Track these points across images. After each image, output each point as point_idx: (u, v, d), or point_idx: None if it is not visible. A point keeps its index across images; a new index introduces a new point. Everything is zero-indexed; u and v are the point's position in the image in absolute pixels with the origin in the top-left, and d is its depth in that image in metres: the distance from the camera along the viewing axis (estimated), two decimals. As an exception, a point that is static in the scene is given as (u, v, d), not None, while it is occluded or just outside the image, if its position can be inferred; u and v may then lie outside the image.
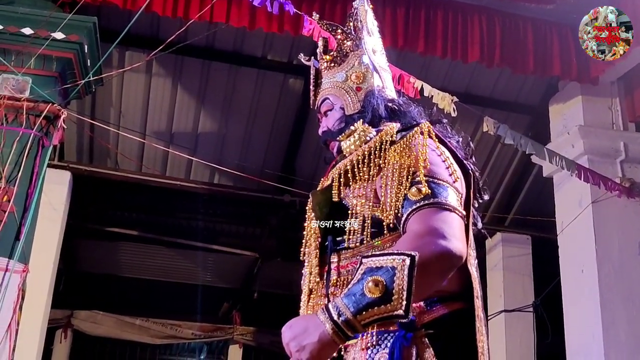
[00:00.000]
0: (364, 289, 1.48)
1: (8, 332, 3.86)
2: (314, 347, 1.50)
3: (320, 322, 1.51)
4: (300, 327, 1.54)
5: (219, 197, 6.53)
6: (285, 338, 1.57)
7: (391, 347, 1.59)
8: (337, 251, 1.78)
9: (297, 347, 1.52)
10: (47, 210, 5.04)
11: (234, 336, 8.67)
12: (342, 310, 1.48)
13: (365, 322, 1.48)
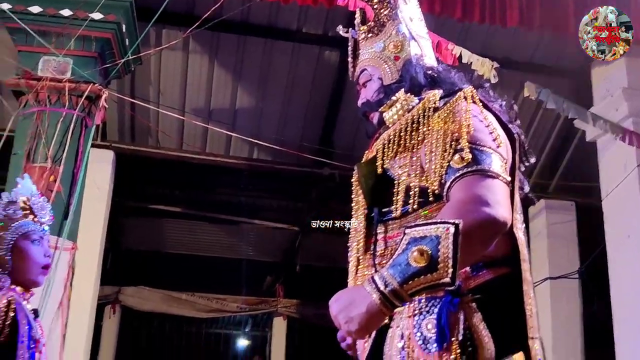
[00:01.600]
0: (409, 258, 1.48)
1: (60, 308, 3.98)
2: (362, 317, 1.50)
3: (367, 293, 1.51)
4: (347, 299, 1.55)
5: (258, 172, 6.56)
6: (333, 310, 1.56)
7: (438, 313, 1.58)
8: (383, 222, 1.76)
9: (345, 318, 1.52)
10: (92, 189, 5.14)
11: (278, 309, 8.79)
12: (389, 281, 1.49)
13: (411, 291, 1.48)
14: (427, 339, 1.58)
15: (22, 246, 2.13)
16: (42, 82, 4.23)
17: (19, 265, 2.11)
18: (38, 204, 2.23)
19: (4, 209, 2.14)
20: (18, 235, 2.12)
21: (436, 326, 1.57)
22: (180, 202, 7.18)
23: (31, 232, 2.16)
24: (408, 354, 1.59)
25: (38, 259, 2.15)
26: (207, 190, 7.11)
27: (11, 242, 2.10)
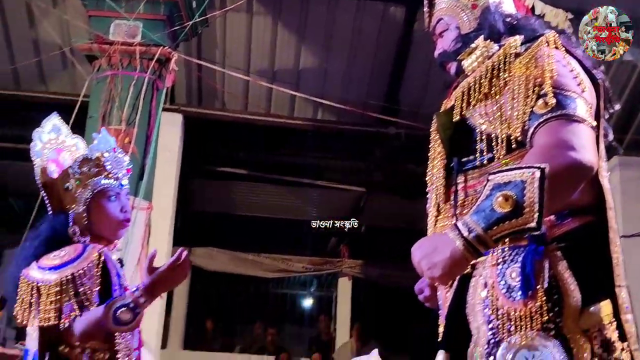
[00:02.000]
0: (494, 204, 1.47)
1: (138, 266, 4.14)
2: (446, 264, 1.50)
3: (450, 239, 1.51)
4: (430, 245, 1.55)
5: (323, 132, 6.58)
6: (415, 257, 1.57)
7: (523, 261, 1.56)
8: (463, 172, 1.74)
9: (428, 264, 1.53)
10: (163, 152, 5.25)
11: (343, 269, 8.87)
12: (472, 227, 1.48)
13: (496, 237, 1.47)
14: (511, 287, 1.56)
15: (99, 203, 2.13)
16: (114, 46, 4.33)
17: (97, 222, 2.12)
18: (114, 160, 2.20)
19: (80, 166, 2.13)
20: (94, 192, 2.13)
21: (521, 274, 1.55)
22: (245, 164, 7.28)
23: (107, 189, 2.15)
24: (492, 302, 1.57)
25: (115, 215, 2.16)
26: (271, 151, 7.18)
27: (88, 200, 2.11)
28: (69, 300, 1.93)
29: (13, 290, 1.99)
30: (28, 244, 2.09)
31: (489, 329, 1.55)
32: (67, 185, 2.13)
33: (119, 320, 1.87)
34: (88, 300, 1.96)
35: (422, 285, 1.99)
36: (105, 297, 2.01)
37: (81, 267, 1.97)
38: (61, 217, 2.13)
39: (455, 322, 1.65)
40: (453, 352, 1.62)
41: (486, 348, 1.54)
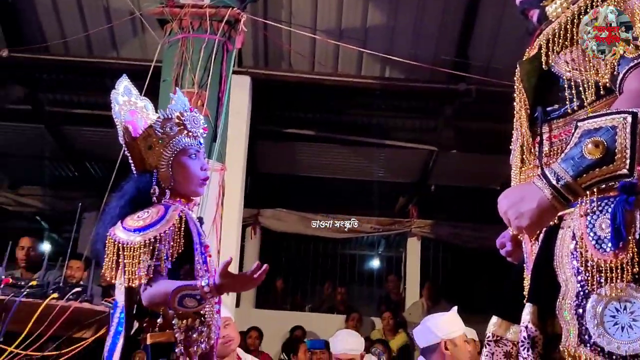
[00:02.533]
0: (583, 151, 1.44)
1: (214, 225, 4.22)
2: (533, 213, 1.48)
3: (538, 188, 1.48)
4: (517, 195, 1.53)
5: (391, 91, 6.49)
6: (502, 207, 1.55)
7: (613, 212, 1.52)
8: (548, 121, 1.70)
9: (515, 214, 1.51)
10: (232, 114, 5.28)
11: (412, 229, 8.83)
12: (561, 175, 1.46)
13: (586, 184, 1.44)
14: (601, 238, 1.53)
15: (180, 161, 2.18)
16: (185, 9, 4.36)
17: (180, 179, 2.18)
18: (191, 119, 2.25)
19: (161, 126, 2.18)
20: (176, 151, 2.18)
21: (611, 225, 1.51)
22: (312, 125, 7.28)
23: (188, 147, 2.21)
24: (581, 254, 1.54)
25: (196, 173, 2.22)
26: (339, 112, 7.15)
27: (171, 158, 2.17)
28: (150, 262, 1.98)
29: (102, 248, 2.07)
30: (114, 203, 2.16)
31: (577, 281, 1.53)
32: (149, 144, 2.18)
33: (183, 305, 1.95)
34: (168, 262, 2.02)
35: (503, 239, 1.97)
36: (187, 256, 2.08)
37: (163, 229, 2.02)
38: (145, 177, 2.18)
39: (543, 275, 1.62)
40: (541, 305, 1.60)
41: (575, 300, 1.53)
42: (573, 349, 1.50)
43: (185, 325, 2.05)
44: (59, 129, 7.50)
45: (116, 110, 2.22)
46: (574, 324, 1.51)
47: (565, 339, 1.52)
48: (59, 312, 3.36)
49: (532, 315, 1.58)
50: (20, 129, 7.63)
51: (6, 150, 8.08)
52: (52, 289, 3.48)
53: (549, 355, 1.57)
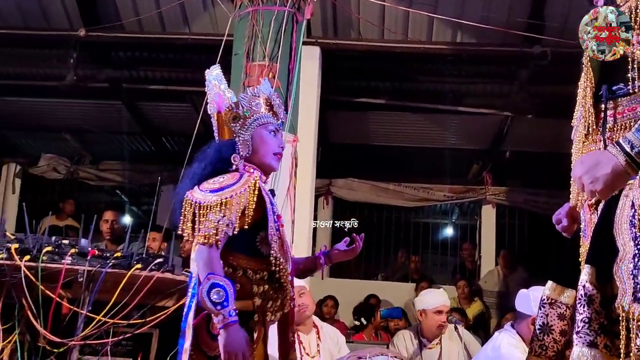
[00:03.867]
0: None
1: (287, 195, 4.28)
2: (607, 177, 1.56)
3: (612, 155, 1.57)
4: (593, 161, 1.60)
5: (463, 56, 6.34)
6: (577, 172, 1.64)
7: None
8: (613, 99, 1.77)
9: (590, 178, 1.59)
10: (303, 86, 5.27)
11: (486, 196, 8.70)
12: (635, 143, 1.54)
13: None
14: None
15: (261, 133, 2.31)
16: (254, -19, 4.37)
17: (257, 150, 2.29)
18: (277, 102, 2.40)
19: (249, 102, 2.32)
20: (259, 124, 2.31)
21: None
22: (383, 94, 7.21)
23: (270, 123, 2.34)
24: (639, 221, 1.62)
25: (273, 147, 2.33)
26: (409, 79, 7.05)
27: (252, 128, 2.29)
28: (225, 222, 2.05)
29: (180, 207, 2.16)
30: (195, 165, 2.27)
31: (635, 244, 1.62)
32: (234, 115, 2.30)
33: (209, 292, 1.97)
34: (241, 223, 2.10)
35: (559, 216, 2.07)
36: (262, 224, 2.15)
37: (239, 190, 2.11)
38: (227, 142, 2.30)
39: (602, 240, 1.72)
40: (599, 267, 1.70)
41: (631, 262, 1.61)
42: (627, 305, 1.59)
43: (262, 291, 2.09)
44: (135, 105, 7.72)
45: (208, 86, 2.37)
46: (630, 283, 1.60)
47: (621, 296, 1.62)
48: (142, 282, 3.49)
49: (589, 276, 1.69)
50: (99, 106, 7.90)
51: (87, 127, 8.39)
52: (136, 260, 3.60)
53: (608, 314, 1.67)
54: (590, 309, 1.66)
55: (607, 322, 1.65)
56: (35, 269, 3.42)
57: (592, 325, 1.65)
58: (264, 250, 2.19)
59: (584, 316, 1.66)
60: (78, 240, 3.71)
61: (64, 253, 3.58)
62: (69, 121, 8.30)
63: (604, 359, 1.63)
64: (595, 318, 1.65)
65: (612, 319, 1.65)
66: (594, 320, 1.65)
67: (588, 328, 1.65)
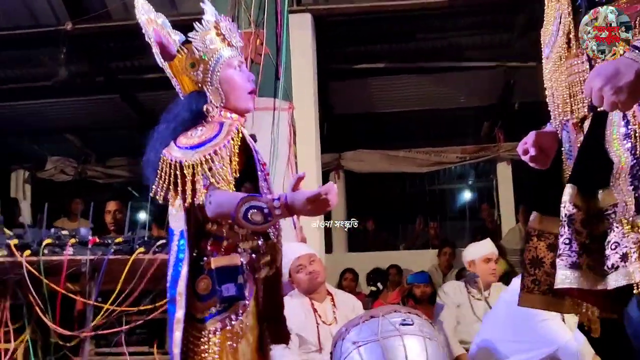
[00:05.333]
0: None
1: (288, 164, 4.15)
2: (633, 85, 1.43)
3: (632, 60, 1.43)
4: (610, 70, 1.46)
5: (458, 8, 6.12)
6: (596, 85, 1.48)
7: None
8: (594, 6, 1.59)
9: (613, 89, 1.45)
10: (297, 56, 5.11)
11: (500, 154, 8.52)
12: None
13: None
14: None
15: (227, 74, 2.09)
16: (233, -54, 4.24)
17: (228, 93, 2.08)
18: (227, 28, 2.15)
19: (201, 40, 2.07)
20: (221, 65, 2.08)
21: None
22: (381, 57, 7.04)
23: (231, 58, 2.11)
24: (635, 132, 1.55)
25: (244, 84, 2.12)
26: (407, 39, 6.86)
27: (217, 72, 2.07)
28: (209, 178, 1.87)
29: (153, 172, 1.97)
30: (163, 126, 2.05)
31: (632, 154, 1.53)
32: (192, 61, 2.07)
33: (248, 219, 1.81)
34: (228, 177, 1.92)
35: (525, 145, 1.97)
36: (247, 174, 1.99)
37: (221, 144, 1.92)
38: (194, 96, 2.08)
39: (590, 156, 1.63)
40: (582, 185, 1.62)
41: (630, 173, 1.54)
42: (631, 218, 1.52)
43: (250, 247, 1.95)
44: (133, 96, 7.61)
45: (144, 31, 2.10)
46: (630, 195, 1.53)
47: (622, 210, 1.54)
48: (147, 266, 3.39)
49: (570, 196, 1.61)
50: (96, 102, 7.81)
51: (88, 125, 8.32)
52: (138, 244, 3.51)
53: (592, 230, 1.59)
54: (570, 229, 1.58)
55: (589, 241, 1.58)
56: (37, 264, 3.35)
57: (573, 246, 1.57)
58: None
59: (565, 237, 1.58)
60: (77, 230, 3.62)
61: (64, 244, 3.49)
62: (69, 121, 8.24)
63: (588, 280, 1.55)
64: (576, 238, 1.57)
65: (594, 236, 1.58)
66: (575, 241, 1.57)
67: (569, 249, 1.57)
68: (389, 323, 2.77)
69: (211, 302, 1.93)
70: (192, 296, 1.93)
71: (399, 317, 2.82)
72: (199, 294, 1.93)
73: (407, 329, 2.75)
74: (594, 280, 1.55)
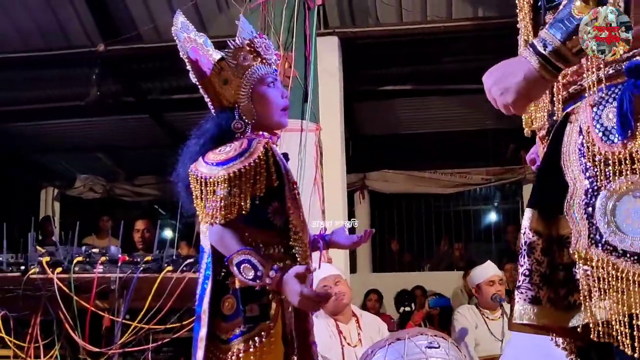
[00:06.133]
0: (572, 11, 1.33)
1: (315, 185, 4.19)
2: (520, 85, 1.38)
3: (525, 59, 1.38)
4: (502, 70, 1.43)
5: (486, 31, 6.16)
6: (486, 85, 1.45)
7: (619, 99, 1.36)
8: (552, 9, 1.53)
9: (500, 90, 1.41)
10: (324, 77, 5.18)
11: (526, 175, 8.46)
12: (549, 40, 1.35)
13: (577, 48, 1.33)
14: (608, 129, 1.38)
15: (260, 91, 2.07)
16: (262, -28, 4.33)
17: (261, 110, 2.07)
18: (263, 45, 2.12)
19: (234, 57, 2.06)
20: (254, 81, 2.06)
21: (617, 114, 1.36)
22: (407, 80, 7.07)
23: (265, 75, 2.09)
24: (588, 149, 1.40)
25: (277, 101, 2.10)
26: (434, 61, 6.89)
27: (250, 89, 2.05)
28: (234, 196, 1.87)
29: (182, 187, 1.98)
30: (193, 142, 2.05)
31: (586, 177, 1.39)
32: (224, 78, 2.06)
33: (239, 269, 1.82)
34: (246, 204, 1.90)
35: (533, 155, 1.86)
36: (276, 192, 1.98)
37: (248, 162, 1.90)
38: (225, 113, 2.07)
39: (548, 176, 1.49)
40: (542, 209, 1.47)
41: (584, 199, 1.39)
42: (584, 251, 1.37)
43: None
44: (162, 116, 7.73)
45: (180, 47, 2.11)
46: (584, 224, 1.39)
47: (575, 241, 1.40)
48: (174, 284, 3.44)
49: (529, 221, 1.46)
50: (126, 121, 7.95)
51: (118, 144, 8.45)
52: (167, 262, 3.56)
53: (552, 259, 1.45)
54: (530, 259, 1.44)
55: (549, 271, 1.44)
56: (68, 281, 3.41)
57: (534, 278, 1.43)
58: (276, 222, 1.99)
59: (525, 268, 1.44)
60: (108, 248, 3.69)
61: (94, 262, 3.55)
62: (99, 139, 8.37)
63: (548, 316, 1.42)
64: (536, 269, 1.44)
65: (554, 265, 1.45)
66: (535, 272, 1.44)
67: (529, 282, 1.43)
68: (414, 346, 2.77)
69: (236, 323, 1.91)
70: (218, 316, 1.92)
71: (425, 339, 2.82)
72: (224, 314, 1.92)
73: (434, 352, 2.75)
74: (555, 316, 1.43)
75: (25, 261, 3.52)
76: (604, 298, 1.34)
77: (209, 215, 1.88)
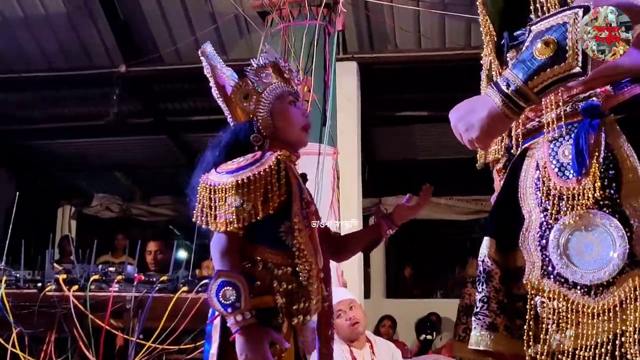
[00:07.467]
0: (534, 52, 1.36)
1: (331, 208, 4.20)
2: (483, 122, 1.42)
3: (488, 97, 1.42)
4: (467, 107, 1.48)
5: (503, 59, 6.18)
6: (452, 121, 1.51)
7: (575, 137, 1.42)
8: (515, 47, 1.57)
9: (465, 126, 1.45)
10: (342, 102, 5.21)
11: (541, 203, 8.42)
12: (512, 80, 1.39)
13: (538, 88, 1.36)
14: (563, 165, 1.44)
15: (281, 107, 2.06)
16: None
17: (281, 125, 2.05)
18: (286, 68, 2.16)
19: (256, 74, 2.07)
20: (275, 96, 2.06)
21: (573, 151, 1.42)
22: (424, 106, 7.09)
23: (286, 92, 2.10)
24: (544, 183, 1.46)
25: (298, 118, 2.10)
26: (451, 88, 6.89)
27: (270, 104, 2.05)
28: (247, 206, 1.85)
29: (194, 197, 1.95)
30: (209, 152, 2.05)
31: (540, 211, 1.45)
32: (245, 93, 2.06)
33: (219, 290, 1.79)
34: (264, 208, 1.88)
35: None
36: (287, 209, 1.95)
37: (258, 170, 1.89)
38: (244, 125, 2.06)
39: (505, 208, 1.54)
40: (500, 239, 1.51)
41: (538, 232, 1.44)
42: (536, 282, 1.43)
43: (285, 289, 1.90)
44: (180, 137, 7.80)
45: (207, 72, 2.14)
46: (538, 255, 1.44)
47: (529, 271, 1.45)
48: (190, 305, 3.44)
49: (487, 249, 1.50)
50: (145, 141, 8.02)
51: (135, 163, 8.52)
52: (182, 283, 3.56)
53: (509, 289, 1.49)
54: (489, 286, 1.48)
55: (506, 300, 1.48)
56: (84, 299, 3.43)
57: (491, 305, 1.47)
58: (288, 242, 1.93)
59: (483, 295, 1.47)
60: (124, 267, 3.70)
61: (111, 281, 3.57)
62: (117, 158, 8.45)
63: (504, 344, 1.45)
64: (494, 297, 1.47)
65: (512, 295, 1.48)
66: (492, 299, 1.47)
67: (487, 309, 1.46)
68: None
69: None
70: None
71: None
72: None
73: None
74: (510, 343, 1.45)
75: (41, 278, 3.55)
76: (558, 330, 1.38)
77: (221, 224, 1.85)
